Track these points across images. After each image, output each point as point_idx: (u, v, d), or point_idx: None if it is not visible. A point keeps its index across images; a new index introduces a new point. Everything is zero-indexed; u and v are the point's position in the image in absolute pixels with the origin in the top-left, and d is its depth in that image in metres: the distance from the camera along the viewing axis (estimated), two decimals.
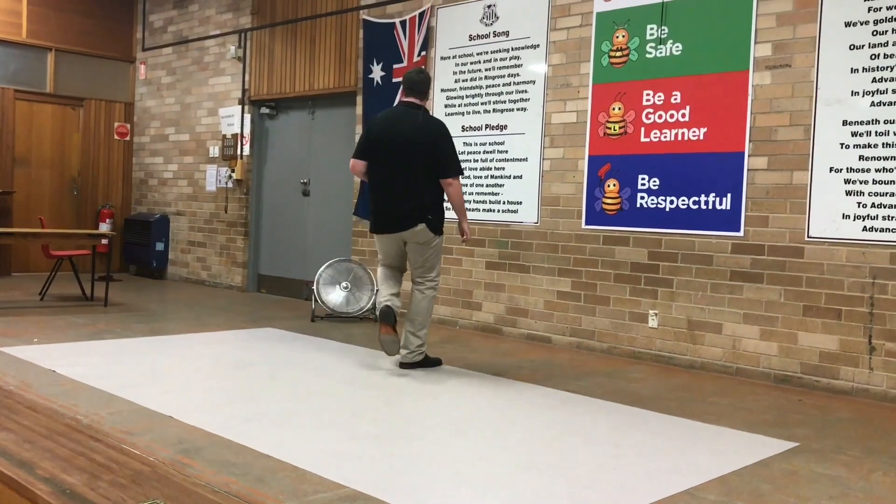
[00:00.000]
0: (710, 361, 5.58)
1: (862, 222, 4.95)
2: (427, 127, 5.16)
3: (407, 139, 5.09)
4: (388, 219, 5.17)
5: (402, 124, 5.14)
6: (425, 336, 5.28)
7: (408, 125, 5.12)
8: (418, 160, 5.07)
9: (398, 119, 5.19)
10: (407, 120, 5.15)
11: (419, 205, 5.10)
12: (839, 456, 3.69)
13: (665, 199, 5.83)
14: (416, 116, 5.17)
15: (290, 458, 3.29)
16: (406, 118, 5.17)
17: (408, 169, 5.08)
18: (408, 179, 5.10)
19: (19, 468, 2.92)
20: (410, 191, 5.10)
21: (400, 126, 5.14)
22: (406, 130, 5.11)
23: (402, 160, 5.08)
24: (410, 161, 5.07)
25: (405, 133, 5.10)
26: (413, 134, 5.09)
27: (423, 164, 5.08)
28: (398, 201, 5.12)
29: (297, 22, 8.71)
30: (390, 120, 5.21)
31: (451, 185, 5.17)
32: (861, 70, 4.98)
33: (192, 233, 10.10)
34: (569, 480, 3.20)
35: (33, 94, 10.14)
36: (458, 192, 5.22)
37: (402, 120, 5.17)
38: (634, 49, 6.01)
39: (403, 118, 5.18)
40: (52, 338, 5.82)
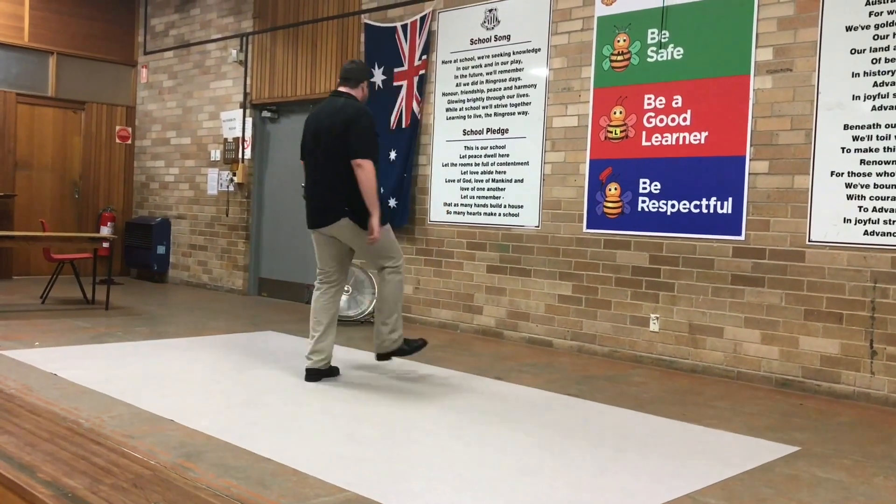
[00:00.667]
0: (711, 365, 5.58)
1: (863, 226, 4.95)
2: (342, 112, 4.80)
3: (323, 128, 4.83)
4: (313, 213, 4.93)
5: (321, 114, 4.90)
6: (396, 322, 5.00)
7: (325, 114, 4.88)
8: (336, 148, 4.75)
9: (320, 110, 4.94)
10: (326, 109, 4.90)
11: (339, 197, 4.78)
12: (841, 460, 3.68)
13: (666, 203, 5.83)
14: (335, 104, 4.88)
15: (291, 461, 3.29)
16: (326, 107, 4.92)
17: (327, 159, 4.80)
18: (327, 170, 4.83)
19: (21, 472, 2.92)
20: (330, 182, 4.82)
21: (320, 116, 4.90)
22: (323, 119, 4.86)
23: (321, 151, 4.82)
24: (328, 150, 4.78)
25: (322, 122, 4.86)
26: (328, 121, 4.81)
27: (341, 152, 4.73)
28: (320, 194, 4.87)
29: (298, 26, 8.73)
30: (314, 113, 4.98)
31: (360, 168, 4.67)
32: (862, 74, 4.98)
33: (194, 236, 10.11)
34: (570, 484, 3.20)
35: (35, 97, 10.15)
36: (369, 177, 4.68)
37: (323, 110, 4.93)
38: (636, 53, 6.01)
39: (325, 108, 4.93)
40: (53, 341, 5.82)
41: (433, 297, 7.34)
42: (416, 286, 7.49)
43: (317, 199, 4.91)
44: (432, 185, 7.41)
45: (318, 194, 4.89)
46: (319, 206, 4.88)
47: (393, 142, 7.59)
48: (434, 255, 7.36)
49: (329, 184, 4.83)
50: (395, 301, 5.01)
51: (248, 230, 9.40)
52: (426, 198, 7.44)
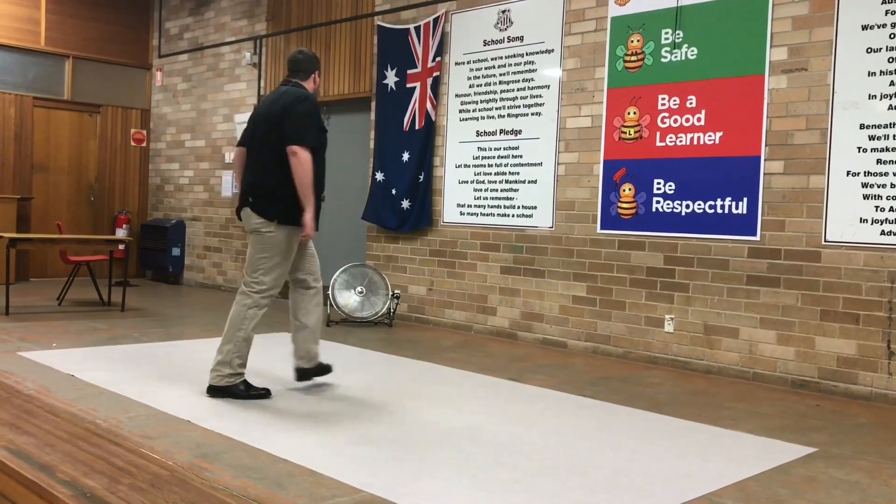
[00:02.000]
0: (726, 366, 5.55)
1: (880, 226, 4.92)
2: (282, 97, 4.47)
3: (262, 115, 4.51)
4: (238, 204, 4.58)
5: (264, 103, 4.63)
6: (231, 354, 4.37)
7: (267, 102, 4.58)
8: (270, 135, 4.40)
9: (264, 99, 4.70)
10: (269, 97, 4.62)
11: (256, 185, 4.43)
12: (858, 461, 3.66)
13: (681, 204, 5.81)
14: (277, 91, 4.58)
15: (308, 462, 3.30)
16: (270, 96, 4.63)
17: (260, 147, 4.47)
18: (257, 158, 4.48)
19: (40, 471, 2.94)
20: (256, 170, 4.47)
21: (262, 105, 4.64)
22: (264, 106, 4.57)
23: (258, 139, 4.49)
24: (262, 137, 4.46)
25: (263, 109, 4.55)
26: (268, 108, 4.50)
27: (274, 140, 4.38)
28: (246, 185, 4.51)
29: (311, 28, 8.76)
30: (262, 102, 4.71)
31: (295, 156, 4.29)
32: (878, 73, 4.95)
33: (208, 238, 10.15)
34: (585, 485, 3.20)
35: (51, 101, 10.23)
36: (304, 167, 4.30)
37: (266, 99, 4.67)
38: (649, 53, 6.00)
39: (268, 97, 4.67)
40: (70, 342, 5.86)
41: (447, 298, 7.35)
42: (429, 287, 7.50)
43: (244, 188, 4.51)
44: (446, 187, 7.41)
45: (245, 185, 4.51)
46: (241, 197, 4.52)
47: (406, 143, 7.60)
48: (448, 257, 7.37)
49: (257, 172, 4.44)
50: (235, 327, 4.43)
51: None
52: (440, 199, 7.45)
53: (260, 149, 4.46)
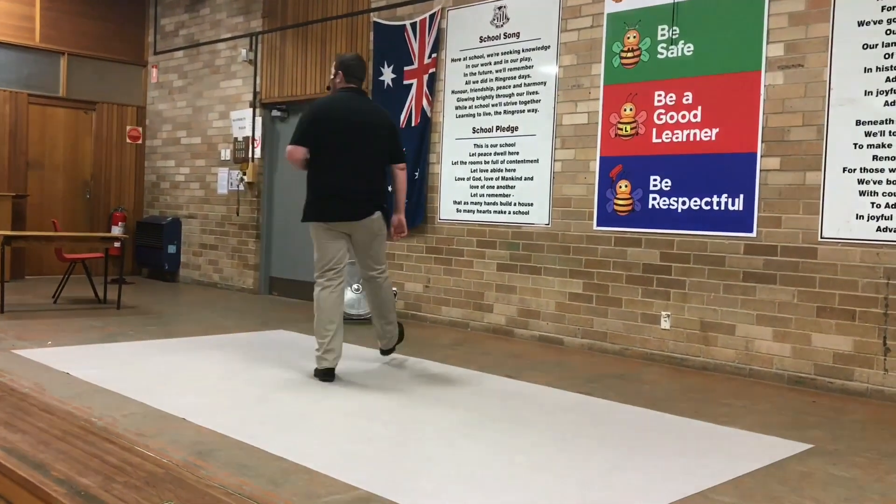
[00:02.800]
0: (723, 363, 5.56)
1: (876, 223, 4.92)
2: (381, 112, 5.09)
3: (364, 123, 4.89)
4: (350, 205, 4.88)
5: (357, 109, 4.91)
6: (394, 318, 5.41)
7: (364, 109, 4.95)
8: (375, 145, 4.92)
9: (350, 103, 4.93)
10: (360, 104, 4.96)
11: (376, 191, 4.95)
12: (854, 458, 3.66)
13: (677, 200, 5.81)
14: (368, 101, 5.12)
15: (304, 459, 3.30)
16: (357, 103, 4.96)
17: (365, 154, 4.88)
18: (366, 164, 4.89)
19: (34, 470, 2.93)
20: (368, 176, 4.91)
21: (355, 110, 4.90)
22: (363, 114, 4.91)
23: (359, 144, 4.86)
24: (368, 146, 4.88)
25: (363, 117, 4.90)
26: (371, 118, 4.93)
27: (379, 150, 4.95)
28: (359, 188, 4.88)
29: (307, 25, 8.74)
30: (342, 104, 4.92)
31: (403, 171, 5.14)
32: (875, 69, 4.95)
33: (204, 235, 10.14)
34: (581, 482, 3.19)
35: (46, 98, 10.20)
36: (405, 179, 5.21)
37: (354, 104, 4.93)
38: (646, 50, 5.99)
39: (355, 102, 4.95)
40: (65, 340, 5.85)
41: (443, 295, 7.34)
42: (426, 285, 7.49)
43: (351, 192, 4.86)
44: (442, 184, 7.40)
45: (356, 188, 4.88)
46: (354, 199, 4.87)
47: (404, 140, 7.57)
48: (444, 254, 7.36)
49: (366, 178, 4.92)
50: (392, 302, 5.35)
51: (259, 229, 9.42)
52: (436, 196, 7.44)
53: (372, 159, 4.95)
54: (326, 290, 4.90)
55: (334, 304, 4.90)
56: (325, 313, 4.86)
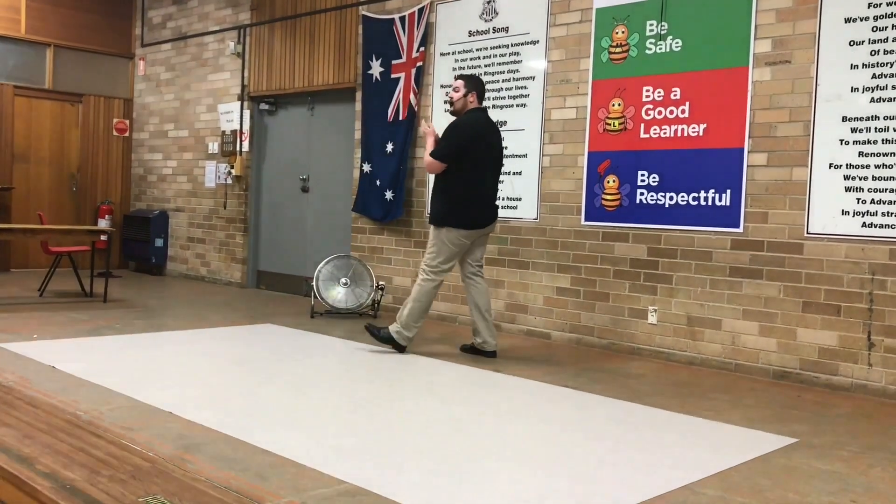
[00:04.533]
0: (709, 357, 5.59)
1: (861, 218, 4.95)
2: (499, 131, 5.81)
3: (497, 142, 5.69)
4: (488, 214, 5.61)
5: (492, 128, 5.69)
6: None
7: (495, 128, 5.74)
8: (498, 161, 5.73)
9: (487, 123, 5.66)
10: (492, 124, 5.75)
11: (496, 199, 5.77)
12: (838, 452, 3.69)
13: (665, 196, 5.83)
14: (492, 121, 5.80)
15: (290, 453, 3.30)
16: (490, 122, 5.73)
17: (495, 168, 5.70)
18: (495, 178, 5.73)
19: (20, 464, 2.92)
20: (495, 188, 5.76)
21: (491, 130, 5.68)
22: (494, 133, 5.70)
23: (493, 161, 5.65)
24: (496, 161, 5.70)
25: (494, 135, 5.68)
26: (497, 136, 5.72)
27: (498, 164, 5.75)
28: (492, 197, 5.69)
29: (296, 18, 8.70)
30: (484, 124, 5.62)
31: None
32: (861, 66, 4.97)
33: (192, 229, 10.10)
34: (569, 475, 3.21)
35: (32, 90, 10.12)
36: None
37: (490, 124, 5.69)
38: (634, 45, 6.00)
39: (489, 122, 5.71)
40: (51, 334, 5.82)
41: None
42: (414, 279, 7.47)
43: (489, 202, 5.64)
44: (430, 178, 7.39)
45: (491, 198, 5.66)
46: (491, 206, 5.65)
47: (391, 134, 7.58)
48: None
49: (495, 189, 5.76)
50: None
51: (247, 223, 9.39)
52: (424, 190, 7.43)
53: (496, 169, 5.72)
54: (437, 288, 5.59)
55: (432, 301, 5.66)
56: (427, 305, 5.59)
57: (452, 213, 5.49)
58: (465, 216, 5.49)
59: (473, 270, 5.68)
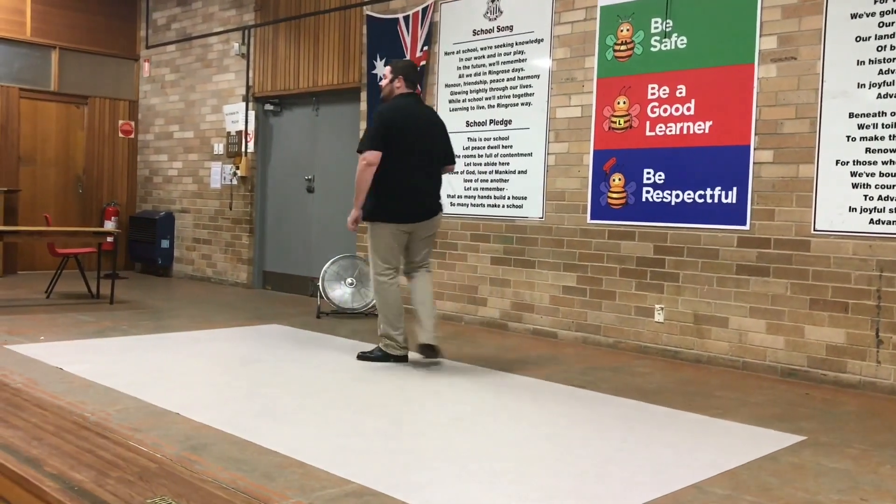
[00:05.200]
0: (716, 355, 5.57)
1: (869, 215, 4.93)
2: (436, 117, 5.47)
3: (430, 128, 5.28)
4: (421, 208, 5.22)
5: (423, 115, 5.32)
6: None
7: (428, 115, 5.40)
8: (437, 148, 5.31)
9: (417, 109, 5.31)
10: (424, 110, 5.42)
11: (438, 193, 5.37)
12: (847, 449, 3.68)
13: (671, 194, 5.81)
14: (428, 107, 5.43)
15: (297, 454, 3.29)
16: (422, 108, 5.42)
17: (431, 157, 5.26)
18: (432, 167, 5.30)
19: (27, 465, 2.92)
20: (434, 179, 5.33)
21: (422, 116, 5.30)
22: (428, 119, 5.33)
23: (426, 149, 5.22)
24: (432, 149, 5.27)
25: (428, 122, 5.30)
26: (428, 122, 5.31)
27: (439, 153, 5.33)
28: (427, 189, 5.26)
29: (300, 18, 8.71)
30: (410, 110, 5.25)
31: (452, 170, 5.55)
32: (867, 62, 4.95)
33: (198, 230, 10.11)
34: (575, 475, 3.20)
35: (38, 92, 10.15)
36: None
37: (421, 110, 5.36)
38: (639, 43, 5.99)
39: (421, 108, 5.38)
40: (58, 335, 5.83)
41: (437, 289, 7.32)
42: None
43: (423, 194, 5.22)
44: None
45: (425, 190, 5.23)
46: (428, 200, 5.24)
47: None
48: (438, 248, 7.35)
49: (434, 181, 5.32)
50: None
51: (252, 223, 9.40)
52: None
53: (437, 161, 5.31)
54: (394, 288, 5.22)
55: (398, 296, 5.25)
56: (394, 306, 5.21)
57: (379, 207, 5.12)
58: (393, 210, 5.11)
59: (418, 267, 5.34)
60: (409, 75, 5.31)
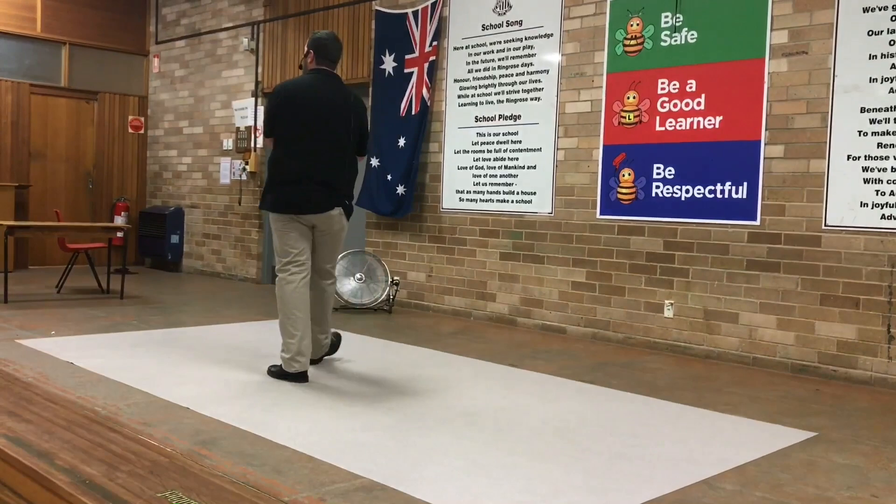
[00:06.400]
0: (726, 351, 5.55)
1: (880, 210, 4.90)
2: (352, 97, 4.65)
3: (334, 108, 4.53)
4: (314, 197, 4.49)
5: (329, 94, 4.55)
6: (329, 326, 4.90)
7: (338, 96, 4.58)
8: (344, 133, 4.57)
9: (321, 88, 4.54)
10: (333, 89, 4.58)
11: (341, 183, 4.59)
12: (858, 446, 3.66)
13: (680, 189, 5.79)
14: (340, 85, 4.64)
15: (307, 448, 3.30)
16: (330, 87, 4.57)
17: (336, 144, 4.54)
18: (337, 155, 4.55)
19: (39, 459, 2.94)
20: (340, 169, 4.57)
21: (328, 96, 4.54)
22: (333, 99, 4.55)
23: (329, 133, 4.51)
24: (337, 132, 4.54)
25: (332, 101, 4.54)
26: (341, 103, 4.56)
27: (348, 138, 4.59)
28: (326, 179, 4.50)
29: (309, 13, 8.70)
30: (312, 89, 4.53)
31: (362, 161, 5.08)
32: (879, 56, 4.92)
33: (207, 225, 10.14)
34: (585, 470, 3.19)
35: (48, 88, 10.19)
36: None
37: (327, 89, 4.56)
38: (649, 37, 5.96)
39: (327, 87, 4.56)
40: (69, 330, 5.86)
41: (446, 284, 7.34)
42: (429, 274, 7.49)
43: (322, 184, 4.49)
44: (444, 173, 7.38)
45: (328, 179, 4.51)
46: (324, 190, 4.50)
47: (402, 128, 7.57)
48: (447, 243, 7.35)
49: (333, 169, 4.54)
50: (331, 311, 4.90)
51: (261, 219, 9.41)
52: (438, 185, 7.42)
53: (334, 143, 4.53)
54: (291, 285, 4.51)
55: (301, 299, 4.52)
56: (292, 309, 4.50)
57: (268, 193, 4.56)
58: (279, 197, 4.48)
59: (321, 273, 4.75)
60: (321, 50, 4.57)
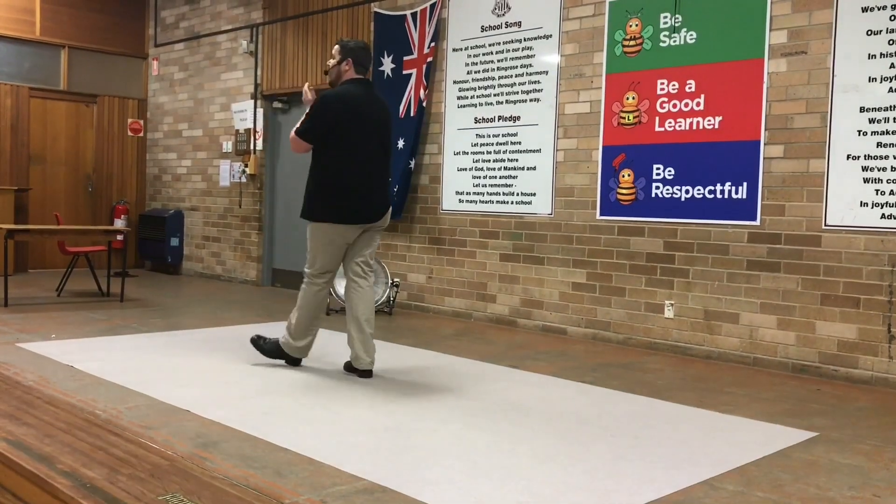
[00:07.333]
0: (727, 351, 5.55)
1: (880, 210, 4.90)
2: (386, 107, 4.88)
3: (380, 118, 4.74)
4: (370, 206, 4.68)
5: (373, 106, 4.73)
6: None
7: (378, 103, 4.78)
8: (388, 141, 4.82)
9: (367, 99, 4.71)
10: (374, 97, 4.78)
11: (387, 189, 4.87)
12: (859, 445, 3.66)
13: (680, 189, 5.79)
14: (378, 96, 4.85)
15: (308, 451, 3.30)
16: (371, 97, 4.76)
17: (378, 152, 4.73)
18: (381, 163, 4.76)
19: (40, 462, 2.94)
20: (383, 175, 4.78)
21: (373, 108, 4.71)
22: (379, 108, 4.76)
23: (374, 143, 4.69)
24: (383, 141, 4.75)
25: (379, 111, 4.75)
26: (382, 115, 4.77)
27: (389, 145, 4.86)
28: (376, 187, 4.70)
29: (308, 16, 8.71)
30: (360, 100, 4.67)
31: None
32: (879, 56, 4.92)
33: (207, 228, 10.14)
34: (586, 471, 3.19)
35: (47, 91, 10.19)
36: None
37: (370, 97, 4.75)
38: (648, 38, 5.96)
39: (371, 96, 4.76)
40: (69, 333, 5.85)
41: (446, 286, 7.34)
42: (429, 275, 7.49)
43: (372, 192, 4.67)
44: (444, 174, 7.39)
45: (373, 187, 4.68)
46: (375, 199, 4.69)
47: (401, 130, 7.57)
48: (447, 244, 7.35)
49: (383, 177, 4.77)
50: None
51: (261, 221, 9.42)
52: (438, 186, 7.42)
53: (384, 156, 4.79)
54: (323, 292, 4.83)
55: (322, 306, 4.90)
56: (314, 312, 4.84)
57: (325, 206, 4.62)
58: (340, 208, 4.59)
59: (358, 271, 4.81)
60: (359, 58, 4.72)
